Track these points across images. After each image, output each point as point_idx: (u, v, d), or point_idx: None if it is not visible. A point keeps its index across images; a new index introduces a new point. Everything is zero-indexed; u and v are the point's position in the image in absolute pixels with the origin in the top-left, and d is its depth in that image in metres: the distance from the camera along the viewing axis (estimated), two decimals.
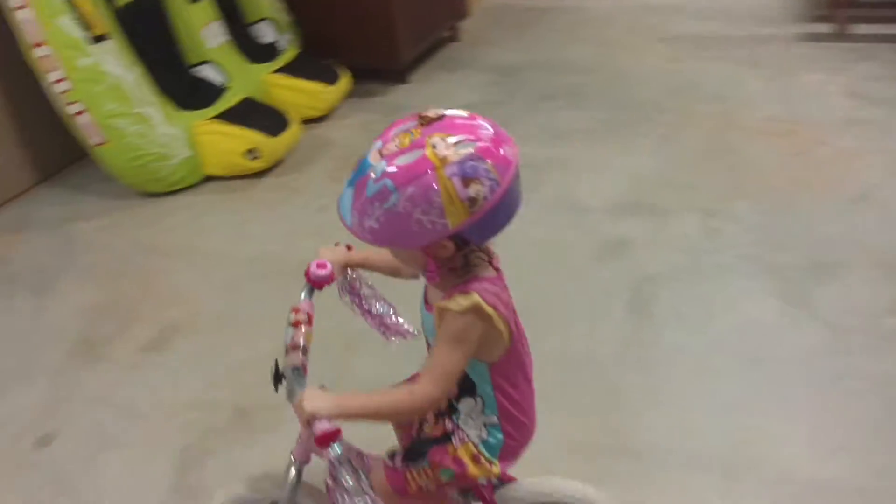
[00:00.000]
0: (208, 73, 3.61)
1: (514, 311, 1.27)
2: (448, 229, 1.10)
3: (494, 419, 1.32)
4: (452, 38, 4.96)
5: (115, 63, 3.16)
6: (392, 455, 1.41)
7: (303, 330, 1.30)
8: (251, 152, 3.37)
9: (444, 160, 1.08)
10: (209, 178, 3.49)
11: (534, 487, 1.49)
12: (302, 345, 1.28)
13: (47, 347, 2.55)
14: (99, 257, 3.04)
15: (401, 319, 1.48)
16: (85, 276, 2.92)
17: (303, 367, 1.26)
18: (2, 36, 3.20)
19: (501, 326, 1.20)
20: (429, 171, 1.08)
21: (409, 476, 1.37)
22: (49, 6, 3.03)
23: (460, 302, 1.16)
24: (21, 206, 3.44)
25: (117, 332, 2.58)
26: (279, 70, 3.94)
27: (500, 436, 1.33)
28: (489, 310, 1.17)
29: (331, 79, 3.97)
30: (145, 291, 2.77)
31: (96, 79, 3.11)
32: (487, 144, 1.10)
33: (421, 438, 1.39)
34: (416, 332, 1.45)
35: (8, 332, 2.67)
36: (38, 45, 3.06)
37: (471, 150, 1.09)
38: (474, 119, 1.15)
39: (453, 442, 1.34)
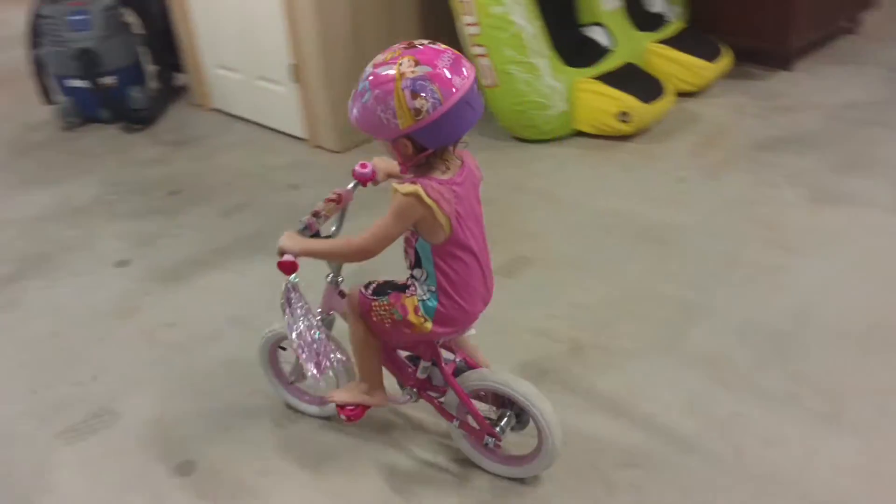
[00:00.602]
0: (597, 34, 3.80)
1: (473, 215, 1.61)
2: (399, 129, 1.47)
3: (434, 289, 1.67)
4: (850, 31, 4.63)
5: (521, 14, 3.45)
6: (367, 285, 1.78)
7: (329, 205, 1.76)
8: (623, 115, 3.51)
9: (402, 75, 1.43)
10: (577, 134, 3.70)
11: (486, 376, 1.81)
12: (322, 213, 1.74)
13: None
14: None
15: None
16: None
17: (309, 225, 1.71)
18: None
19: (442, 219, 1.54)
20: (390, 81, 1.44)
21: (373, 305, 1.75)
22: None
23: (406, 187, 1.52)
24: None
25: None
26: (663, 41, 4.01)
27: (435, 303, 1.67)
28: (429, 201, 1.51)
29: (711, 56, 3.96)
30: (504, 223, 3.02)
31: (503, 26, 3.43)
32: (441, 72, 1.43)
33: (389, 282, 1.76)
34: None
35: None
36: None
37: (424, 72, 1.42)
38: (444, 52, 1.47)
39: (406, 293, 1.71)
